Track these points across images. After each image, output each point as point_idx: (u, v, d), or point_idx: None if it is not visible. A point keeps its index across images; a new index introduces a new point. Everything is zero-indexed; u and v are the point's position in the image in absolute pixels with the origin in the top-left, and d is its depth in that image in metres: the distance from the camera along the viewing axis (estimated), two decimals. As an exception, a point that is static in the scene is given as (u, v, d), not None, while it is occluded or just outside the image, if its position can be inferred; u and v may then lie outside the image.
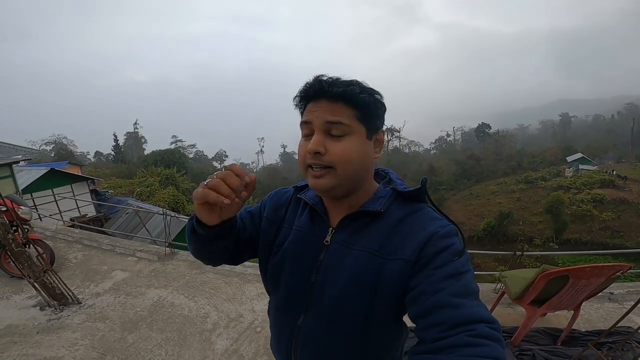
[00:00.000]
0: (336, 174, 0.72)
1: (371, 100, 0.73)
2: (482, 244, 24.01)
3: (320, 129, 0.72)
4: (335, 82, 0.71)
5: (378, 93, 0.75)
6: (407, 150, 63.08)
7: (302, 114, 0.77)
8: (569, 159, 42.02)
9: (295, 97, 0.77)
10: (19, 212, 3.98)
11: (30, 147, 15.56)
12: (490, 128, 62.70)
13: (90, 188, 18.51)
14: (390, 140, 60.70)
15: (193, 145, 67.76)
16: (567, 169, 38.04)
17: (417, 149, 67.85)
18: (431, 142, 76.18)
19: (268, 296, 0.95)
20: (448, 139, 77.06)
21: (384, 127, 0.82)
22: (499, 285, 3.35)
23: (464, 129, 79.96)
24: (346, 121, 0.71)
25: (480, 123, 64.19)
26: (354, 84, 0.72)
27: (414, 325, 0.66)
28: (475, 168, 45.34)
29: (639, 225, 24.25)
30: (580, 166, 37.93)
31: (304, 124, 0.75)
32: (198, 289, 3.59)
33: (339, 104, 0.71)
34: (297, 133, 0.78)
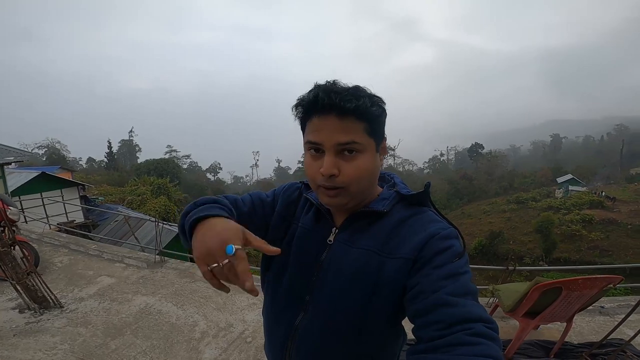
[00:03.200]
0: (347, 193, 0.72)
1: (380, 112, 0.72)
2: (473, 262, 23.77)
3: (332, 150, 0.69)
4: (345, 96, 0.67)
5: (382, 100, 0.73)
6: (401, 169, 63.58)
7: (303, 125, 0.74)
8: (559, 180, 42.70)
9: (297, 106, 0.73)
10: (8, 214, 3.89)
11: (22, 149, 15.35)
12: (483, 148, 63.65)
13: (81, 194, 18.22)
14: (385, 158, 61.53)
15: (187, 156, 67.53)
16: (557, 190, 38.61)
17: (411, 168, 68.46)
18: (425, 161, 76.98)
19: (259, 307, 0.94)
20: (441, 159, 77.98)
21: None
22: (492, 299, 3.34)
23: (458, 148, 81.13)
24: (358, 139, 0.69)
25: (473, 143, 65.18)
26: (363, 96, 0.69)
27: (413, 325, 0.66)
28: (467, 188, 45.79)
29: (628, 245, 24.58)
30: (570, 187, 38.52)
31: (311, 143, 0.71)
32: (187, 297, 3.50)
33: (350, 119, 0.68)
34: (293, 149, 0.75)
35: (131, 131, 63.23)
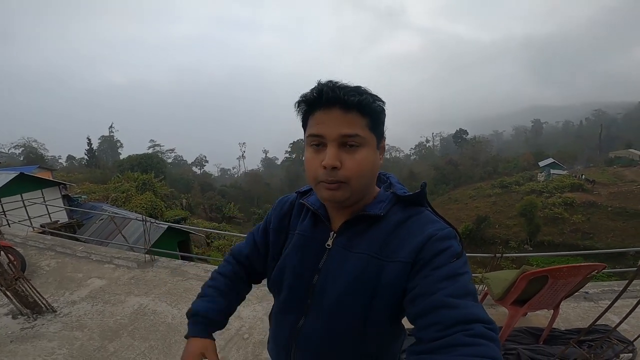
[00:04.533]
0: (350, 187, 0.72)
1: (381, 109, 0.74)
2: None
3: (336, 142, 0.70)
4: (349, 91, 0.69)
5: (382, 100, 0.75)
6: (388, 156, 64.05)
7: (305, 121, 0.76)
8: (541, 164, 43.76)
9: (300, 102, 0.75)
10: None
11: (-3, 150, 14.78)
12: (468, 134, 64.56)
13: (62, 193, 17.74)
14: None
15: (172, 150, 66.21)
16: (539, 174, 39.59)
17: (398, 155, 68.99)
18: (411, 148, 77.67)
19: (254, 303, 1.01)
20: (427, 145, 78.78)
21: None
22: (481, 287, 3.42)
23: (443, 134, 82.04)
24: (361, 132, 0.70)
25: (458, 129, 66.01)
26: (365, 93, 0.71)
27: (412, 326, 0.67)
28: (453, 173, 46.51)
29: (608, 227, 25.49)
30: (552, 171, 39.56)
31: (314, 136, 0.72)
32: (181, 296, 3.48)
33: (353, 114, 0.70)
34: (279, 139, 0.75)
35: (111, 127, 61.56)
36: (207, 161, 71.13)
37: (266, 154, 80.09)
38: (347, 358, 0.80)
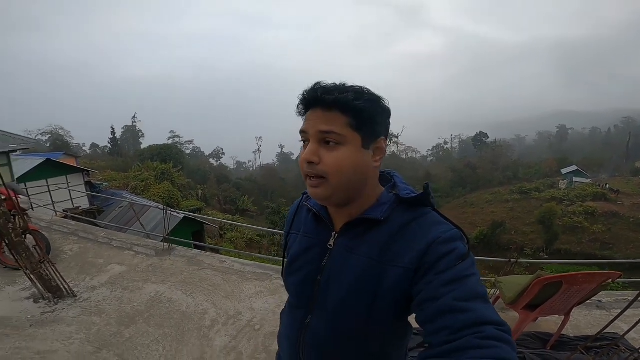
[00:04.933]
0: (329, 184, 0.73)
1: (367, 107, 0.72)
2: (474, 252, 24.24)
3: (315, 138, 0.73)
4: (329, 90, 0.72)
5: (379, 99, 0.74)
6: (404, 156, 63.35)
7: (302, 118, 0.79)
8: (564, 171, 42.45)
9: (298, 105, 0.78)
10: (19, 202, 3.95)
11: (27, 136, 15.40)
12: (488, 137, 63.13)
13: (85, 180, 18.37)
14: (388, 145, 61.22)
15: (190, 142, 67.42)
16: (561, 181, 38.42)
17: (415, 155, 68.17)
18: (428, 149, 76.51)
19: (266, 295, 1.09)
20: (445, 147, 77.46)
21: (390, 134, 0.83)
22: (493, 291, 3.41)
23: (462, 137, 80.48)
24: (339, 130, 0.71)
25: (478, 132, 64.64)
26: (349, 91, 0.71)
27: (421, 328, 0.67)
28: (471, 177, 45.63)
29: (629, 238, 24.66)
30: (575, 179, 38.32)
31: (301, 133, 0.76)
32: (196, 286, 3.58)
33: (334, 112, 0.71)
34: (295, 134, 0.79)
35: (134, 117, 63.13)
36: (223, 153, 72.14)
37: (282, 149, 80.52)
38: (352, 356, 0.82)
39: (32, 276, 3.20)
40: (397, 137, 61.70)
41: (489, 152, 56.52)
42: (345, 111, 0.71)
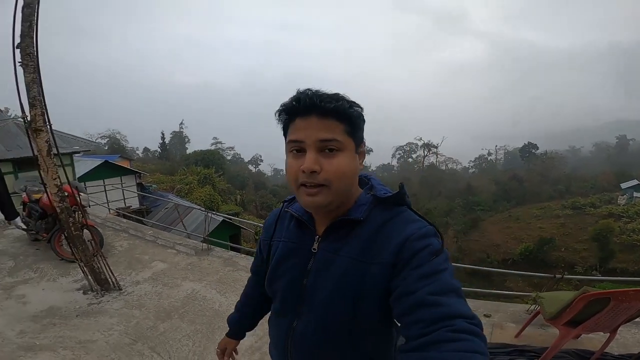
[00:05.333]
0: (330, 191, 0.74)
1: (357, 114, 0.77)
2: (517, 268, 22.91)
3: (313, 147, 0.73)
4: (325, 97, 0.73)
5: (360, 106, 0.78)
6: (444, 167, 61.14)
7: (285, 128, 0.79)
8: (623, 185, 38.62)
9: (280, 111, 0.78)
10: (80, 199, 4.39)
11: (88, 139, 16.95)
12: (538, 148, 59.23)
13: (137, 181, 19.77)
14: (426, 156, 59.17)
15: (231, 148, 70.09)
16: (620, 196, 35.05)
17: (455, 167, 65.56)
18: (470, 160, 73.15)
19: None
20: (489, 158, 73.71)
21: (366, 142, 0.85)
22: (533, 307, 3.29)
23: (508, 148, 76.10)
24: (339, 137, 0.73)
25: (526, 143, 60.92)
26: (342, 99, 0.74)
27: (398, 323, 0.70)
28: (517, 190, 43.02)
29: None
30: (635, 194, 34.78)
31: (293, 142, 0.76)
32: (230, 286, 3.76)
33: (330, 120, 0.73)
34: None
35: (181, 123, 66.81)
36: (262, 160, 74.08)
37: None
38: (340, 358, 0.84)
39: (85, 268, 3.54)
40: (436, 147, 59.70)
41: (538, 164, 53.00)
42: (341, 119, 0.74)
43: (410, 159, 64.58)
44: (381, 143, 67.43)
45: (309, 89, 0.75)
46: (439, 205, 35.45)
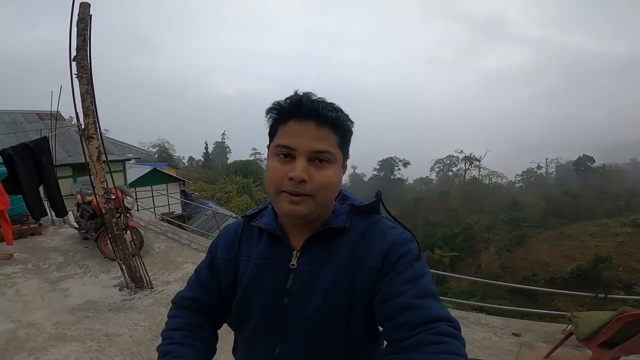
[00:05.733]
0: (314, 202, 0.72)
1: (349, 129, 0.76)
2: (568, 288, 21.11)
3: (305, 156, 0.70)
4: (327, 105, 0.71)
5: (352, 121, 0.77)
6: (487, 182, 58.12)
7: (274, 129, 0.75)
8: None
9: (272, 110, 0.74)
10: (125, 202, 4.79)
11: (140, 147, 18.36)
12: (594, 161, 54.69)
13: (181, 189, 20.96)
14: (468, 169, 56.67)
15: (270, 158, 71.81)
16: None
17: (500, 181, 62.07)
18: (517, 174, 68.87)
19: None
20: (539, 172, 69.00)
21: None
22: (569, 327, 3.11)
23: (560, 161, 70.91)
24: (332, 149, 0.72)
25: (581, 155, 56.48)
26: (341, 110, 0.73)
27: (382, 328, 0.71)
28: (570, 206, 39.76)
29: None
30: None
31: (282, 147, 0.71)
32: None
33: (325, 129, 0.71)
34: (368, 155, 0.75)
35: (223, 134, 69.95)
36: (298, 171, 74.93)
37: (354, 169, 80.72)
38: None
39: (122, 266, 3.83)
40: (479, 160, 57.05)
41: (595, 178, 48.83)
42: (336, 130, 0.72)
43: (450, 173, 62.18)
44: (419, 155, 65.70)
45: (310, 93, 0.71)
46: (480, 220, 33.66)
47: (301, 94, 0.71)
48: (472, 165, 56.80)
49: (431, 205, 39.43)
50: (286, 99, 0.72)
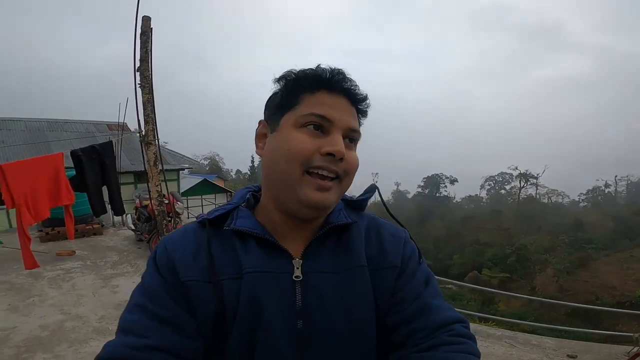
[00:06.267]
0: (339, 188, 0.62)
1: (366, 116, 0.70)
2: (633, 308, 18.75)
3: (340, 132, 0.60)
4: (356, 83, 0.63)
5: None
6: (546, 201, 53.62)
7: (295, 97, 0.61)
8: None
9: (299, 76, 0.62)
10: (176, 207, 5.09)
11: (193, 159, 19.63)
12: (674, 180, 48.49)
13: (228, 200, 21.96)
14: (523, 187, 52.77)
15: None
16: None
17: (561, 200, 57.02)
18: (581, 193, 62.93)
19: None
20: (606, 190, 62.52)
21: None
22: (635, 349, 2.94)
23: (632, 178, 63.75)
24: (359, 131, 0.65)
25: (657, 173, 50.33)
26: (367, 96, 0.66)
27: (395, 330, 0.63)
28: (643, 228, 35.39)
29: None
30: None
31: (318, 116, 0.58)
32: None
33: (354, 109, 0.63)
34: (411, 172, 0.65)
35: (269, 149, 72.79)
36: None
37: (398, 186, 78.96)
38: None
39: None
40: (536, 178, 52.93)
41: (675, 199, 43.15)
42: (362, 112, 0.66)
43: (502, 191, 58.35)
44: (468, 172, 62.61)
45: (339, 68, 0.62)
46: (536, 241, 31.04)
47: (331, 67, 0.62)
48: (528, 183, 52.79)
49: (481, 224, 37.30)
50: (315, 67, 0.62)
